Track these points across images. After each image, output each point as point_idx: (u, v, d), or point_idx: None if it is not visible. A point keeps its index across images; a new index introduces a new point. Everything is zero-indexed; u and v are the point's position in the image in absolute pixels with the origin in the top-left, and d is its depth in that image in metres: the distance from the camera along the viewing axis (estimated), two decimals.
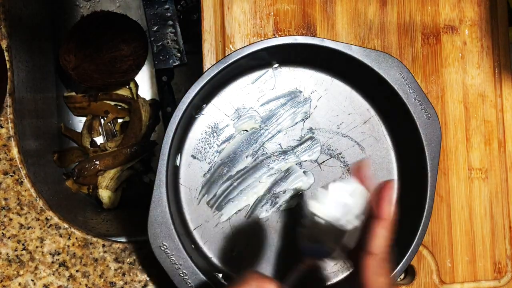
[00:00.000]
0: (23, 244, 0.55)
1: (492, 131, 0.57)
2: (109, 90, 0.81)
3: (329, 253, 0.38)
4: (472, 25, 0.58)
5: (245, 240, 0.52)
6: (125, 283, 0.55)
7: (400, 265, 0.49)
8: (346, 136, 0.53)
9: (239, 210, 0.52)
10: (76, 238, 0.56)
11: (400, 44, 0.57)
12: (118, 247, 0.56)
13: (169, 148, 0.48)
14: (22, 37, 0.64)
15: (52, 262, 0.55)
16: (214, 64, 0.49)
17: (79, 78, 0.75)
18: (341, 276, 0.52)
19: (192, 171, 0.52)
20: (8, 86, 0.57)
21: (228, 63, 0.49)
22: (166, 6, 0.82)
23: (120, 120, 0.83)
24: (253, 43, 0.50)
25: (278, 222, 0.52)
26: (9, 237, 0.55)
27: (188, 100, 0.48)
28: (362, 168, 0.37)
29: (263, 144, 0.53)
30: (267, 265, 0.52)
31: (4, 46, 0.58)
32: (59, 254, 0.55)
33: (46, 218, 0.56)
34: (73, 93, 0.80)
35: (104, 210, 0.75)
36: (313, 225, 0.37)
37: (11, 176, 0.56)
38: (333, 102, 0.54)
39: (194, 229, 0.52)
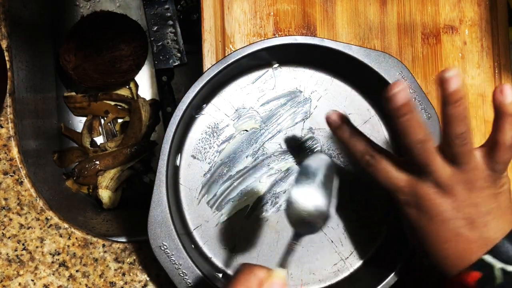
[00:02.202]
0: (23, 244, 0.55)
1: None
2: (109, 90, 0.81)
3: (318, 228, 0.41)
4: (472, 25, 0.58)
5: (245, 240, 0.52)
6: (125, 283, 0.55)
7: (400, 263, 0.49)
8: None
9: (239, 210, 0.52)
10: (76, 238, 0.56)
11: (400, 44, 0.57)
12: (118, 247, 0.56)
13: (169, 148, 0.48)
14: (22, 37, 0.64)
15: (52, 262, 0.55)
16: (214, 64, 0.49)
17: (79, 78, 0.75)
18: (341, 276, 0.52)
19: (192, 171, 0.52)
20: (8, 86, 0.57)
21: (228, 63, 0.49)
22: (166, 6, 0.82)
23: (120, 120, 0.83)
24: (253, 43, 0.50)
25: (278, 222, 0.52)
26: (9, 237, 0.55)
27: (188, 100, 0.48)
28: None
29: (263, 144, 0.53)
30: (267, 265, 0.52)
31: (4, 46, 0.58)
32: (59, 254, 0.55)
33: (46, 218, 0.56)
34: (73, 93, 0.80)
35: (104, 210, 0.75)
36: (301, 210, 0.41)
37: (11, 176, 0.56)
38: (333, 102, 0.54)
39: (194, 229, 0.52)
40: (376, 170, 0.43)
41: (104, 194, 0.75)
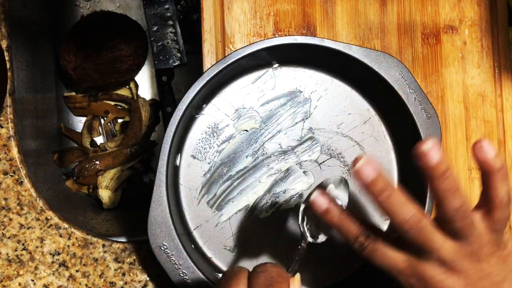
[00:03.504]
0: (23, 244, 0.55)
1: (492, 131, 0.57)
2: (109, 90, 0.81)
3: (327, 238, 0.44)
4: (472, 25, 0.58)
5: (245, 240, 0.52)
6: (125, 283, 0.55)
7: None
8: (346, 136, 0.53)
9: (239, 210, 0.52)
10: (76, 238, 0.56)
11: (400, 44, 0.57)
12: (118, 247, 0.56)
13: (169, 148, 0.48)
14: (22, 37, 0.64)
15: (52, 262, 0.55)
16: (214, 64, 0.49)
17: (79, 78, 0.75)
18: (341, 276, 0.52)
19: (192, 171, 0.52)
20: (8, 86, 0.57)
21: (228, 63, 0.49)
22: (166, 6, 0.82)
23: (120, 120, 0.83)
24: (253, 43, 0.50)
25: (278, 222, 0.52)
26: (9, 237, 0.55)
27: (188, 100, 0.48)
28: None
29: (263, 144, 0.53)
30: None
31: (4, 46, 0.58)
32: (59, 254, 0.55)
33: (46, 218, 0.56)
34: (73, 93, 0.80)
35: (104, 210, 0.75)
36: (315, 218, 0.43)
37: (11, 176, 0.56)
38: (333, 102, 0.54)
39: (194, 229, 0.52)
40: (372, 253, 0.39)
41: (104, 194, 0.75)
